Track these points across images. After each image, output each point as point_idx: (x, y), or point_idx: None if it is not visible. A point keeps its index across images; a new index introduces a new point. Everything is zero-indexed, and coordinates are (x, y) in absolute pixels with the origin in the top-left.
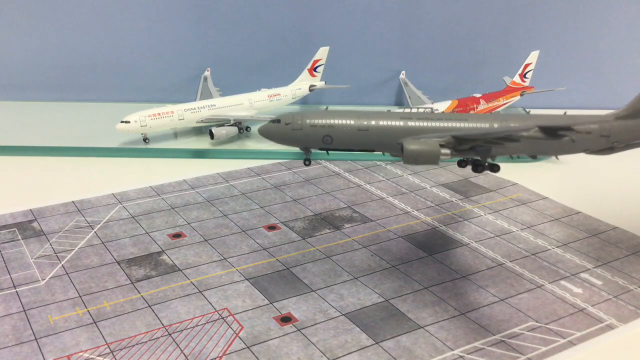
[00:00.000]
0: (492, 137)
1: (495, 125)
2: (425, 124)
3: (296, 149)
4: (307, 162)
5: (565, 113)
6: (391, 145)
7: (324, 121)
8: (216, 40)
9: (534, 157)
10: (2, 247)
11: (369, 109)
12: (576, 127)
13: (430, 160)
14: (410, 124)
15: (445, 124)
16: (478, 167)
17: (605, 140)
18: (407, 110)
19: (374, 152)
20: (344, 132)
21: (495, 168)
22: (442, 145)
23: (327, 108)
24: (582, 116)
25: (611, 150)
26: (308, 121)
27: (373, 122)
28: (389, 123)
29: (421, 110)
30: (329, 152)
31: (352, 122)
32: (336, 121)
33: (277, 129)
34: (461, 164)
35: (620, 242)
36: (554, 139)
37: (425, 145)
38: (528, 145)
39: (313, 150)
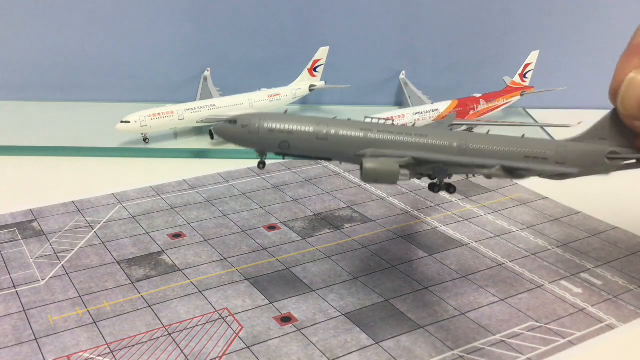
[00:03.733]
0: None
1: (455, 144)
2: (384, 137)
3: None
4: (262, 165)
5: (523, 136)
6: (349, 156)
7: (282, 126)
8: (216, 40)
9: (488, 178)
10: (2, 247)
11: (369, 109)
12: (536, 168)
13: (388, 180)
14: (371, 136)
15: (405, 139)
16: (434, 187)
17: (560, 166)
18: (368, 120)
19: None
20: (302, 139)
21: (451, 189)
22: (401, 166)
23: (286, 111)
24: (538, 139)
25: (564, 176)
26: (266, 125)
27: (333, 132)
28: (349, 134)
29: (382, 121)
30: (285, 157)
31: (312, 129)
32: (295, 127)
33: (232, 130)
34: (433, 188)
35: (620, 242)
36: (514, 177)
37: (385, 165)
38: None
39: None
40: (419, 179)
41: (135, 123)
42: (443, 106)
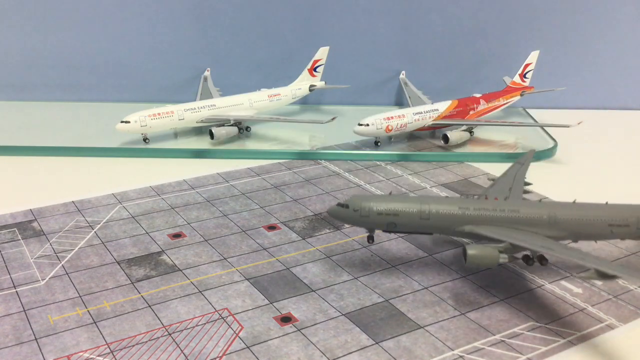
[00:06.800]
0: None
1: (544, 217)
2: (480, 213)
3: (296, 150)
4: (371, 240)
5: (606, 203)
6: (449, 231)
7: (389, 210)
8: (216, 40)
9: (575, 241)
10: (2, 247)
11: (369, 109)
12: (626, 277)
13: (489, 265)
14: (468, 213)
15: (499, 214)
16: (529, 261)
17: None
18: (464, 197)
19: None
20: (407, 219)
21: (544, 262)
22: (500, 251)
23: (390, 193)
24: (619, 206)
25: None
26: (375, 209)
27: (434, 211)
28: (448, 212)
29: (476, 197)
30: (391, 232)
31: (415, 210)
32: (401, 210)
33: (345, 213)
34: (527, 261)
35: (620, 242)
36: (607, 279)
37: (486, 251)
38: (570, 236)
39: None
40: (530, 264)
41: (135, 123)
42: (443, 106)
